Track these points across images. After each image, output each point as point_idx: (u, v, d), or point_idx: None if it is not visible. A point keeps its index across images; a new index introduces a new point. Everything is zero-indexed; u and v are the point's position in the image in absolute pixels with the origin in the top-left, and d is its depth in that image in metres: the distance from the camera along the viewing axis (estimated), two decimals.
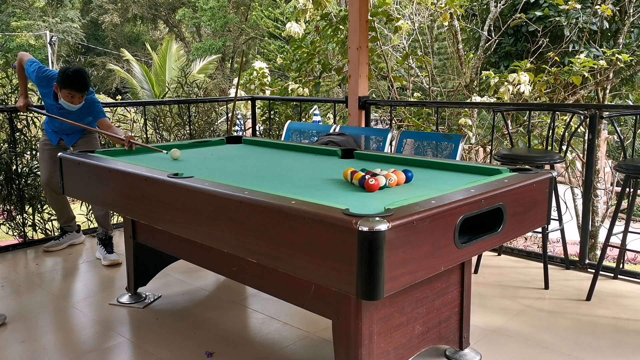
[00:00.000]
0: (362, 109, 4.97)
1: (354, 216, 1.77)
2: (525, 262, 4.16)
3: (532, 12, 7.78)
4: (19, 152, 4.61)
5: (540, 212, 2.59)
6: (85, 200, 3.96)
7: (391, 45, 8.47)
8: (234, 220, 2.19)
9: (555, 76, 6.72)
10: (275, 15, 18.85)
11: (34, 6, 26.17)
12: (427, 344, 2.47)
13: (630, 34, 7.77)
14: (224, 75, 24.05)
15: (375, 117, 9.32)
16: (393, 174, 2.43)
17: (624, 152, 3.80)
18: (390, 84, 8.23)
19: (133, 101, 7.86)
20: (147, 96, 16.43)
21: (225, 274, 2.95)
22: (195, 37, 27.98)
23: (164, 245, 3.17)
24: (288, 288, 2.38)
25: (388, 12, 7.13)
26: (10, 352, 2.82)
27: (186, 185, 2.39)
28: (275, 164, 3.25)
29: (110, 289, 3.67)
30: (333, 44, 7.35)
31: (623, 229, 3.48)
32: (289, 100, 6.92)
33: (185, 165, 3.02)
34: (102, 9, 27.26)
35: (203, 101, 6.08)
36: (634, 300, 3.42)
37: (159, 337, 2.97)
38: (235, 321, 3.19)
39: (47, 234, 4.79)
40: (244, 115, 8.55)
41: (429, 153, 4.22)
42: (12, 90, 4.68)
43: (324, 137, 4.25)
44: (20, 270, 4.05)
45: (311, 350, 2.83)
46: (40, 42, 25.58)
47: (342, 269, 1.79)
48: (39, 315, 3.26)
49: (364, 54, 4.84)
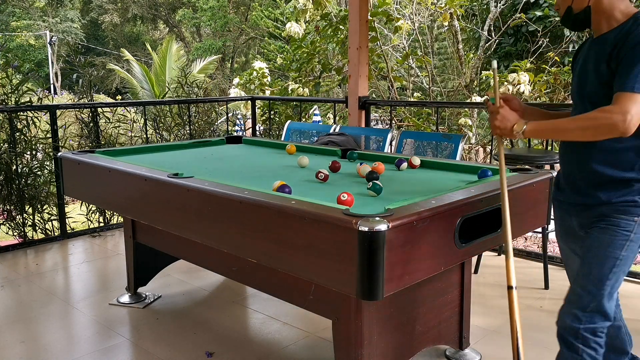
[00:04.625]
0: (362, 109, 4.97)
1: (354, 216, 1.77)
2: (525, 262, 4.16)
3: (532, 12, 7.78)
4: (19, 152, 4.61)
5: (540, 212, 2.60)
6: (85, 200, 3.96)
7: (391, 45, 8.47)
8: (234, 220, 2.19)
9: (555, 76, 6.72)
10: (275, 15, 18.85)
11: (34, 6, 26.16)
12: (427, 344, 2.47)
13: None
14: (224, 75, 24.04)
15: (375, 117, 9.31)
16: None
17: None
18: (390, 84, 8.23)
19: (133, 101, 7.87)
20: (147, 96, 16.41)
21: (225, 274, 2.95)
22: (195, 37, 27.97)
23: (164, 245, 3.17)
24: (288, 288, 2.38)
25: (388, 12, 7.13)
26: (10, 352, 2.82)
27: (186, 185, 2.39)
28: (275, 164, 3.25)
29: (110, 289, 3.67)
30: (333, 44, 7.35)
31: None
32: (289, 100, 6.92)
33: (185, 165, 3.02)
34: (102, 9, 27.24)
35: (203, 101, 6.08)
36: (634, 300, 3.42)
37: (159, 337, 2.97)
38: (235, 321, 3.19)
39: (47, 234, 4.79)
40: (244, 115, 8.55)
41: (429, 153, 4.22)
42: (12, 90, 4.68)
43: (324, 137, 4.25)
44: (20, 270, 4.05)
45: (311, 350, 2.83)
46: (40, 42, 25.57)
47: (342, 269, 1.79)
48: (39, 315, 3.26)
49: (364, 54, 4.84)
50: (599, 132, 1.76)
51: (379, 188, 2.32)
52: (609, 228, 1.89)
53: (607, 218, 1.90)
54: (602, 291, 1.89)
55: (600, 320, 1.90)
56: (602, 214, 1.91)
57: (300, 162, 3.05)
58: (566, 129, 1.87)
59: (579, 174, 1.97)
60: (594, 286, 1.89)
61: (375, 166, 2.76)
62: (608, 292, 1.90)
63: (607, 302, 1.90)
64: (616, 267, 1.89)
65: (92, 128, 5.09)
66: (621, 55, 1.75)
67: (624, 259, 1.89)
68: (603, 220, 1.91)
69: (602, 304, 1.89)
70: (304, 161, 3.05)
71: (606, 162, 1.89)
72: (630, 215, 1.87)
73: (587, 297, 1.90)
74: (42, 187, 4.74)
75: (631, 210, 1.87)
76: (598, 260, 1.90)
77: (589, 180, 1.94)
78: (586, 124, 1.80)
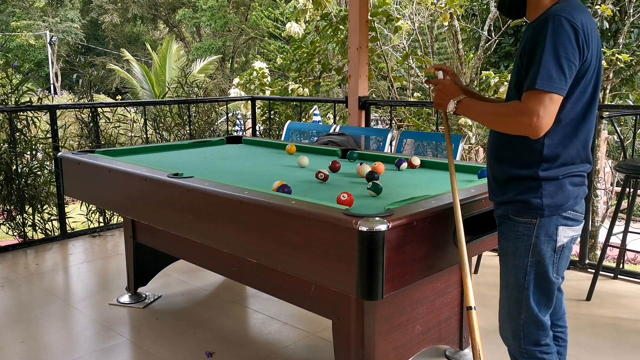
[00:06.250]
0: (362, 109, 4.97)
1: (354, 216, 1.77)
2: None
3: None
4: (19, 152, 4.61)
5: None
6: (85, 200, 3.96)
7: (391, 45, 8.47)
8: (234, 220, 2.19)
9: None
10: (275, 15, 18.84)
11: (34, 6, 26.15)
12: (427, 344, 2.47)
13: (630, 34, 7.77)
14: (224, 75, 24.03)
15: (375, 117, 9.32)
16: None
17: (624, 152, 3.80)
18: (390, 84, 8.22)
19: (133, 101, 7.86)
20: (147, 96, 16.42)
21: (225, 274, 2.95)
22: (195, 37, 27.97)
23: (164, 245, 3.17)
24: (288, 288, 2.38)
25: (388, 12, 7.12)
26: (10, 352, 2.82)
27: (186, 185, 2.39)
28: (275, 164, 3.25)
29: (110, 289, 3.67)
30: (333, 44, 7.35)
31: (623, 229, 3.48)
32: (289, 100, 6.91)
33: (185, 165, 3.02)
34: (102, 9, 27.23)
35: (203, 101, 6.08)
36: (634, 300, 3.42)
37: (159, 337, 2.97)
38: (235, 321, 3.19)
39: (47, 234, 4.79)
40: (244, 115, 8.55)
41: (429, 153, 4.22)
42: (12, 90, 4.68)
43: (324, 137, 4.25)
44: (20, 270, 4.05)
45: (311, 350, 2.83)
46: (40, 42, 25.57)
47: (342, 269, 1.79)
48: (39, 315, 3.26)
49: (364, 54, 4.83)
50: (508, 126, 1.68)
51: (379, 188, 2.32)
52: (509, 234, 1.79)
53: (507, 220, 1.80)
54: (527, 301, 1.78)
55: (537, 330, 1.80)
56: (503, 215, 1.81)
57: (300, 162, 3.05)
58: (484, 114, 1.78)
59: (488, 168, 1.89)
60: (516, 297, 1.80)
61: (375, 166, 2.77)
62: (536, 300, 1.78)
63: (539, 311, 1.79)
64: (528, 274, 1.76)
65: (92, 128, 5.09)
66: (527, 49, 1.65)
67: (534, 264, 1.75)
68: (504, 222, 1.81)
69: (533, 314, 1.78)
70: (304, 161, 3.05)
71: (502, 158, 1.79)
72: (526, 217, 1.74)
73: (514, 309, 1.82)
74: (42, 187, 4.74)
75: (527, 212, 1.73)
76: (509, 270, 1.81)
77: (491, 175, 1.86)
78: (499, 113, 1.71)
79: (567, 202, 1.72)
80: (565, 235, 1.75)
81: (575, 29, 1.59)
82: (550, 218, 1.72)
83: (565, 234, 1.75)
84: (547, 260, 1.75)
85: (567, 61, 1.58)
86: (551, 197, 1.71)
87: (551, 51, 1.58)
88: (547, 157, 1.69)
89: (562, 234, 1.74)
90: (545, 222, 1.72)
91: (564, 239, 1.75)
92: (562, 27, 1.59)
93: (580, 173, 1.75)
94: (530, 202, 1.72)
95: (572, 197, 1.73)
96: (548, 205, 1.71)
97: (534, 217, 1.73)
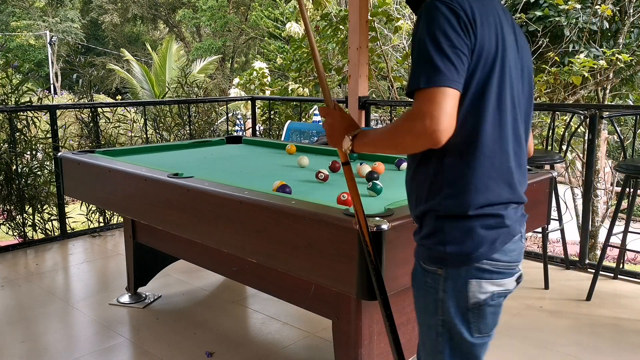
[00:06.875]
0: (362, 109, 4.97)
1: (354, 216, 1.77)
2: (525, 262, 4.14)
3: (532, 12, 7.77)
4: (19, 152, 4.61)
5: (540, 212, 2.59)
6: (85, 200, 3.96)
7: (391, 45, 8.47)
8: (234, 220, 2.19)
9: (555, 76, 6.72)
10: (275, 15, 18.85)
11: (34, 6, 26.15)
12: None
13: (630, 34, 7.76)
14: (224, 75, 24.03)
15: (375, 117, 9.32)
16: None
17: (624, 152, 3.81)
18: (390, 84, 8.22)
19: (133, 101, 7.87)
20: (147, 96, 16.41)
21: (225, 274, 2.95)
22: (195, 37, 27.97)
23: (164, 245, 3.17)
24: (288, 288, 2.38)
25: (388, 12, 7.12)
26: (10, 352, 2.82)
27: (186, 185, 2.39)
28: (275, 164, 3.25)
29: (110, 289, 3.67)
30: (333, 44, 7.35)
31: (623, 229, 3.48)
32: (289, 100, 6.92)
33: (185, 165, 3.02)
34: (102, 9, 27.23)
35: (203, 101, 6.08)
36: (633, 300, 3.42)
37: (159, 337, 2.97)
38: (235, 321, 3.19)
39: (47, 234, 4.79)
40: (244, 115, 8.56)
41: None
42: (12, 90, 4.68)
43: (324, 137, 4.25)
44: (20, 270, 4.05)
45: (311, 350, 2.83)
46: (40, 42, 25.57)
47: (342, 269, 1.79)
48: (39, 315, 3.26)
49: (364, 54, 4.83)
50: (405, 141, 1.32)
51: (379, 188, 2.32)
52: (417, 284, 1.47)
53: (416, 266, 1.47)
54: None
55: None
56: (415, 257, 1.48)
57: (300, 162, 3.05)
58: (381, 138, 1.41)
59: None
60: (433, 357, 1.47)
61: (375, 166, 2.77)
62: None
63: None
64: (441, 335, 1.42)
65: (92, 128, 5.10)
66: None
67: (446, 324, 1.40)
68: (415, 269, 1.48)
69: None
70: (304, 161, 3.05)
71: (409, 187, 1.48)
72: (431, 264, 1.40)
73: None
74: (42, 187, 4.74)
75: (431, 258, 1.40)
76: (422, 329, 1.50)
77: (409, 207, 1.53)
78: (393, 130, 1.36)
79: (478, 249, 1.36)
80: (482, 291, 1.37)
81: (456, 12, 1.28)
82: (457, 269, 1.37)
83: (483, 289, 1.37)
84: (457, 320, 1.39)
85: (453, 48, 1.27)
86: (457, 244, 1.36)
87: (431, 42, 1.27)
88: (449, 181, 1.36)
89: (475, 289, 1.36)
90: (451, 273, 1.38)
91: (480, 295, 1.37)
92: (438, 12, 1.29)
93: (495, 212, 1.38)
94: (432, 249, 1.39)
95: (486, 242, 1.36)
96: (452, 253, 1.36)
97: (439, 267, 1.39)
